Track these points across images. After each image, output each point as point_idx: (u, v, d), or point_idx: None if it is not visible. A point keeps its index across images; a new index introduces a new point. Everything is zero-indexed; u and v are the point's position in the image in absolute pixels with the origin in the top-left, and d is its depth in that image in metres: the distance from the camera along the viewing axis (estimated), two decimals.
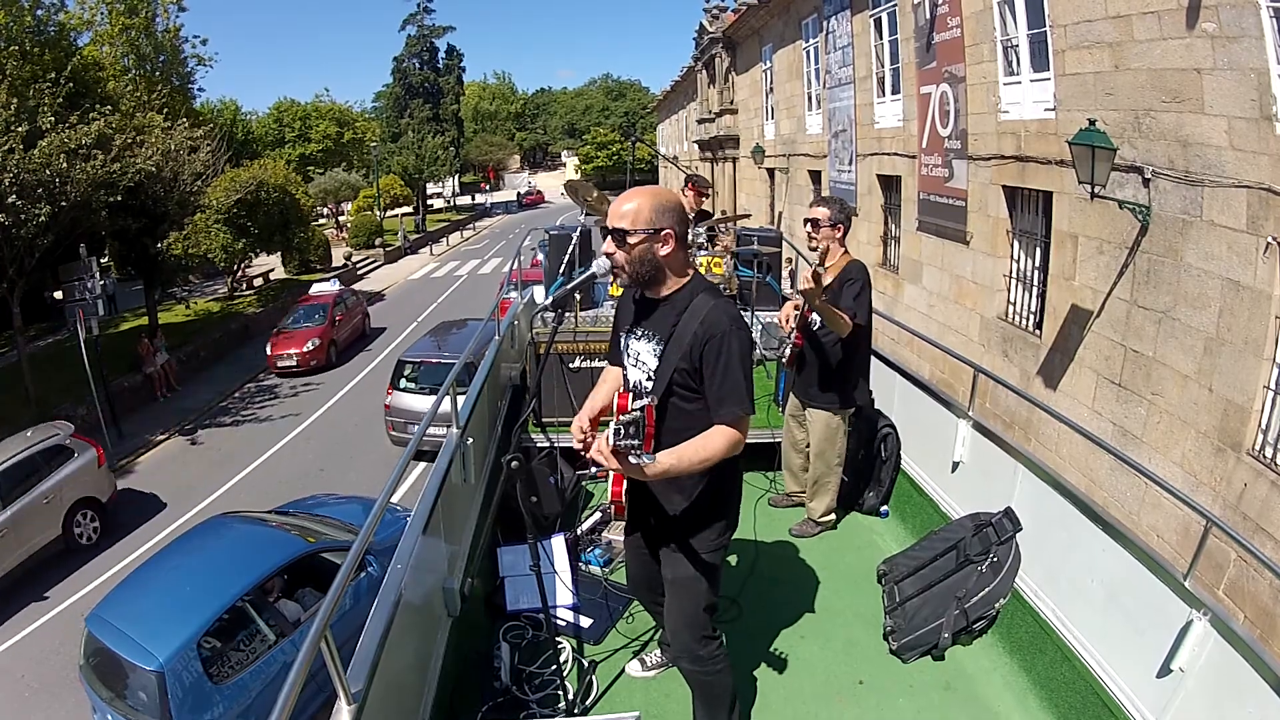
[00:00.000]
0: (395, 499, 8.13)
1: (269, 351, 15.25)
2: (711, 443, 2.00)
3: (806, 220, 3.54)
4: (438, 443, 3.07)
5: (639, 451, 1.81)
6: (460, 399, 3.33)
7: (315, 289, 18.06)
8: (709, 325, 2.01)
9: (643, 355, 2.18)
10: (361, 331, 18.09)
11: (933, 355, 9.41)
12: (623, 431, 1.81)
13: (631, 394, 2.21)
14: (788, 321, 3.71)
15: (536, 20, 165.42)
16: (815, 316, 3.54)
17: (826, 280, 3.53)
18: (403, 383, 10.64)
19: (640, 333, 2.19)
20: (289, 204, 20.12)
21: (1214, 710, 2.09)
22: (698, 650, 2.31)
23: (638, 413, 1.84)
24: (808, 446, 3.89)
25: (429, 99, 44.13)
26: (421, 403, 10.02)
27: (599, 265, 2.15)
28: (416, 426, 2.86)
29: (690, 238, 4.89)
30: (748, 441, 2.09)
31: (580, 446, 2.11)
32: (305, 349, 15.19)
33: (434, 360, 10.72)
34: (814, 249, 3.50)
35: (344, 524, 6.80)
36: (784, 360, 3.84)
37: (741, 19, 18.99)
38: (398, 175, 38.73)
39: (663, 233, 2.02)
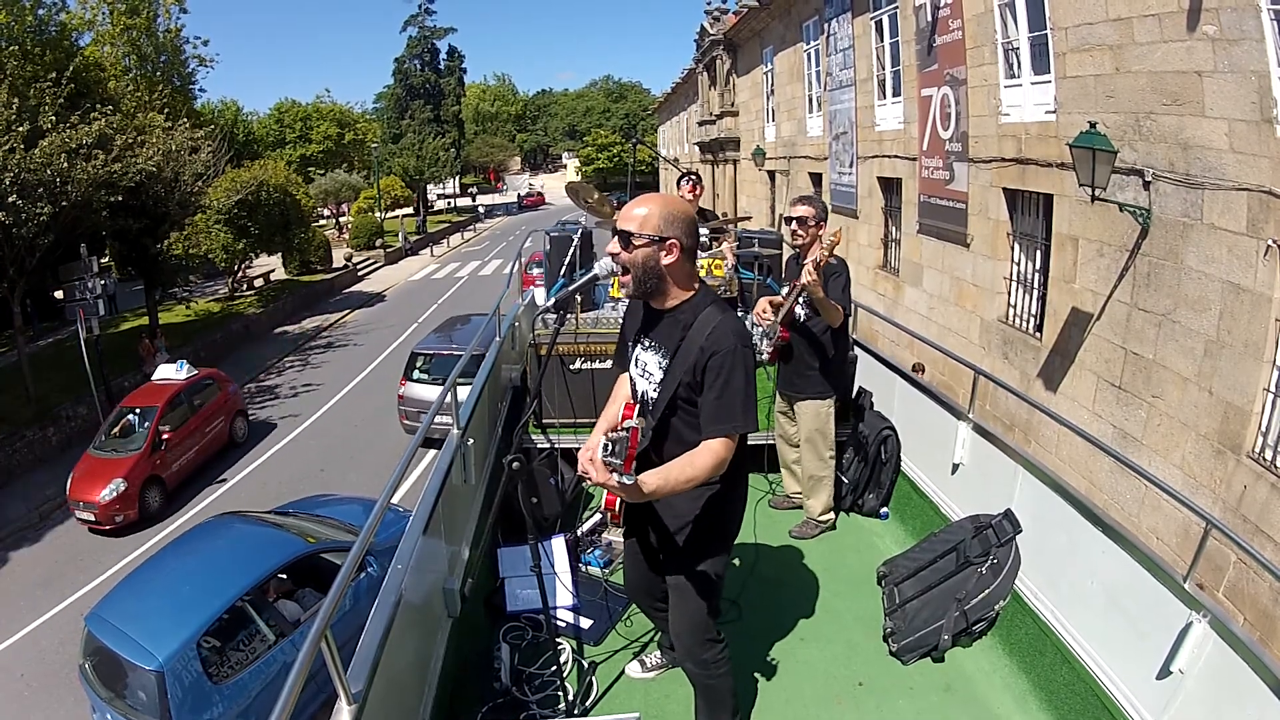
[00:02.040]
0: (395, 499, 8.12)
1: (68, 490, 9.40)
2: (698, 461, 1.97)
3: (791, 219, 3.60)
4: (445, 429, 3.13)
5: (619, 471, 1.78)
6: (463, 392, 3.35)
7: (159, 374, 11.09)
8: (715, 340, 1.99)
9: (649, 366, 2.18)
10: (228, 439, 11.48)
11: (933, 357, 9.41)
12: (610, 449, 1.78)
13: (638, 405, 2.21)
14: (764, 314, 3.71)
15: (536, 22, 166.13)
16: (800, 310, 3.62)
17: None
18: (415, 374, 11.08)
19: (648, 343, 2.19)
20: (290, 205, 20.14)
21: (1214, 712, 2.09)
22: (701, 654, 2.31)
23: (624, 433, 1.81)
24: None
25: (430, 100, 44.17)
26: (433, 393, 10.37)
27: (601, 266, 2.15)
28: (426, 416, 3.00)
29: None
30: (747, 443, 2.09)
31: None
32: (104, 497, 9.05)
33: (444, 353, 11.10)
34: (798, 246, 3.54)
35: (344, 524, 6.81)
36: (766, 357, 3.84)
37: (742, 21, 19.01)
38: (398, 176, 38.76)
39: (668, 241, 2.01)
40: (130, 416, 10.21)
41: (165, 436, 9.97)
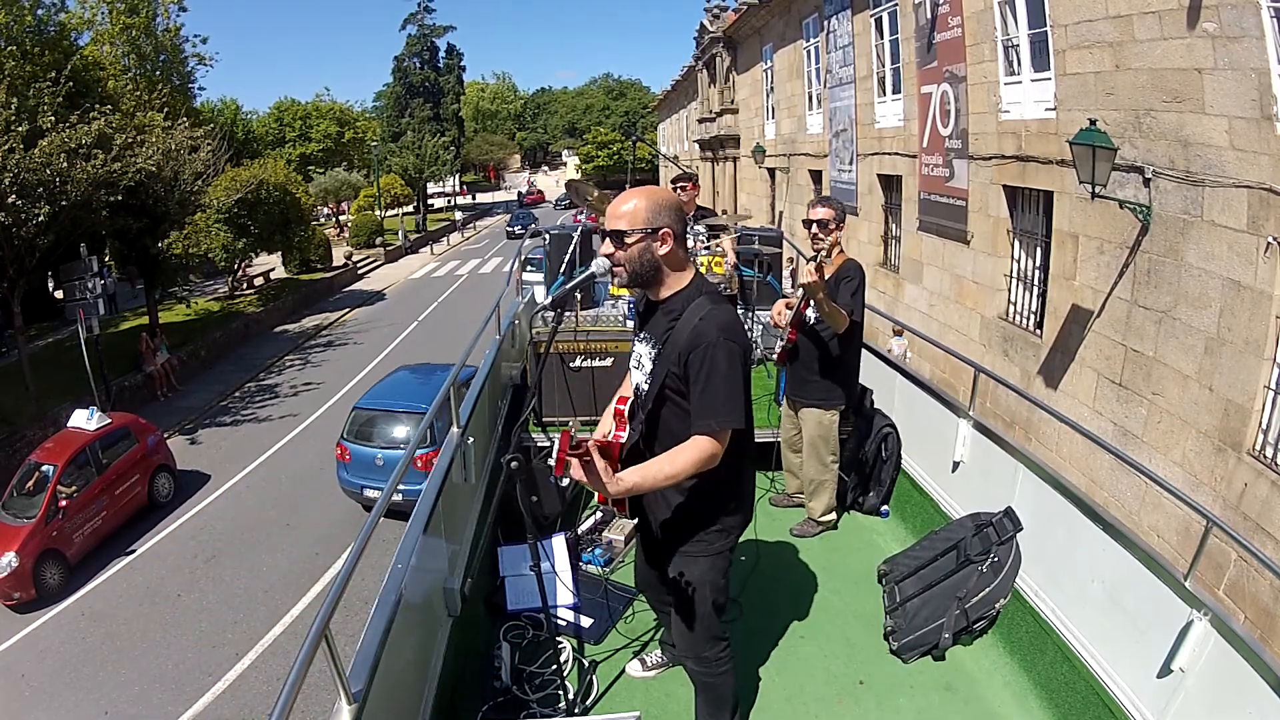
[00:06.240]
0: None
1: None
2: (681, 456, 1.95)
3: (812, 221, 3.51)
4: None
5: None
6: (462, 396, 3.37)
7: (74, 420, 9.43)
8: (697, 334, 1.97)
9: (643, 358, 2.18)
10: (146, 501, 9.71)
11: (933, 355, 9.41)
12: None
13: (632, 398, 2.22)
14: (779, 315, 3.68)
15: (536, 20, 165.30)
16: (810, 312, 3.53)
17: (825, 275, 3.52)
18: (528, 270, 13.87)
19: (643, 335, 2.20)
20: (289, 203, 20.11)
21: (1214, 710, 2.08)
22: (703, 651, 2.30)
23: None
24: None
25: (429, 98, 44.13)
26: (536, 276, 12.66)
27: (598, 265, 2.14)
28: None
29: (691, 237, 4.91)
30: (754, 436, 2.08)
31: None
32: None
33: (538, 258, 13.04)
34: (819, 249, 3.45)
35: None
36: (775, 357, 3.83)
37: (742, 18, 18.98)
38: (398, 175, 38.72)
39: (660, 231, 2.01)
40: (41, 470, 8.50)
41: (63, 504, 8.26)
